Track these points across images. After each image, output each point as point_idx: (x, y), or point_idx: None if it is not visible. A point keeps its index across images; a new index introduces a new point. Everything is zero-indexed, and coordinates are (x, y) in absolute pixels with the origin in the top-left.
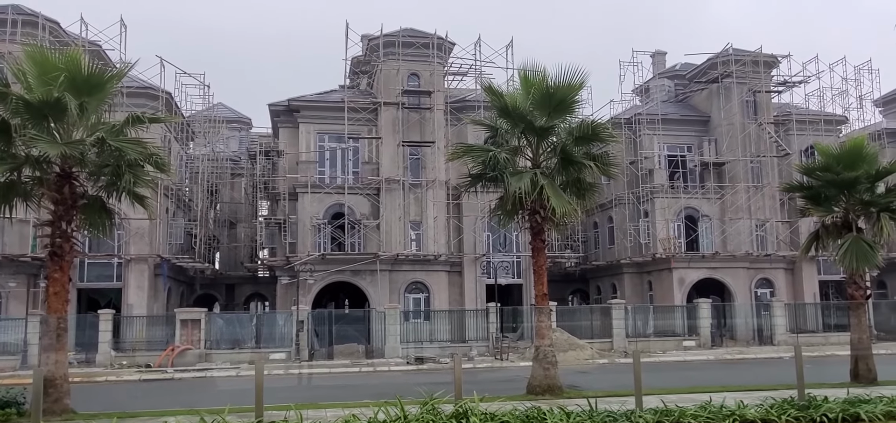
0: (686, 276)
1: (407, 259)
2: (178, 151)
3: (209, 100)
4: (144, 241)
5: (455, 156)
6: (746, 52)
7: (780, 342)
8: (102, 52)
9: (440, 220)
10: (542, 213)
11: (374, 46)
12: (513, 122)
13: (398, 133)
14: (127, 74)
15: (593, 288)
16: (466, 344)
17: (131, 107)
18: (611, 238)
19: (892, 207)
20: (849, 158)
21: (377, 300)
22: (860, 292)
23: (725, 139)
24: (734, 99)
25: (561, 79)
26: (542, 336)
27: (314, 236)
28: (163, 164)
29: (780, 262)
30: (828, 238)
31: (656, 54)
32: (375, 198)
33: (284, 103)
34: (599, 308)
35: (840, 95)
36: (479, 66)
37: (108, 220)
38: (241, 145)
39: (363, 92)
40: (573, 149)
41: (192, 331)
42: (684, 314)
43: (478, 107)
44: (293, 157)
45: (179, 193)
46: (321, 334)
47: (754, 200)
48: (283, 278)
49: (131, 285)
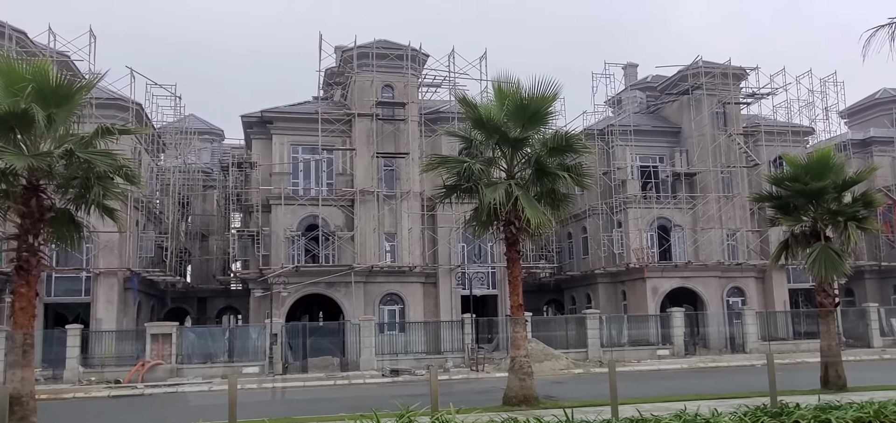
0: (659, 285)
1: (382, 271)
2: (149, 163)
3: (181, 111)
4: (114, 254)
5: (430, 167)
6: (716, 65)
7: (751, 350)
8: (71, 63)
9: (415, 231)
10: (516, 223)
11: (348, 58)
12: (487, 133)
13: (372, 144)
14: (96, 85)
15: (568, 298)
16: (442, 356)
17: (101, 118)
18: (585, 248)
19: (858, 217)
20: (816, 168)
21: (352, 313)
22: (829, 300)
23: (696, 150)
24: (704, 110)
25: (534, 90)
26: (518, 347)
27: (288, 248)
28: (133, 176)
29: (750, 271)
30: (797, 247)
31: (628, 66)
32: (350, 209)
33: (257, 115)
34: (574, 318)
35: (806, 106)
36: (453, 77)
37: (76, 233)
38: (213, 157)
39: (337, 103)
40: (547, 160)
41: (162, 346)
42: (658, 324)
43: (452, 118)
44: (266, 168)
45: (150, 206)
46: (295, 348)
47: (725, 210)
48: (257, 290)
49: (100, 299)
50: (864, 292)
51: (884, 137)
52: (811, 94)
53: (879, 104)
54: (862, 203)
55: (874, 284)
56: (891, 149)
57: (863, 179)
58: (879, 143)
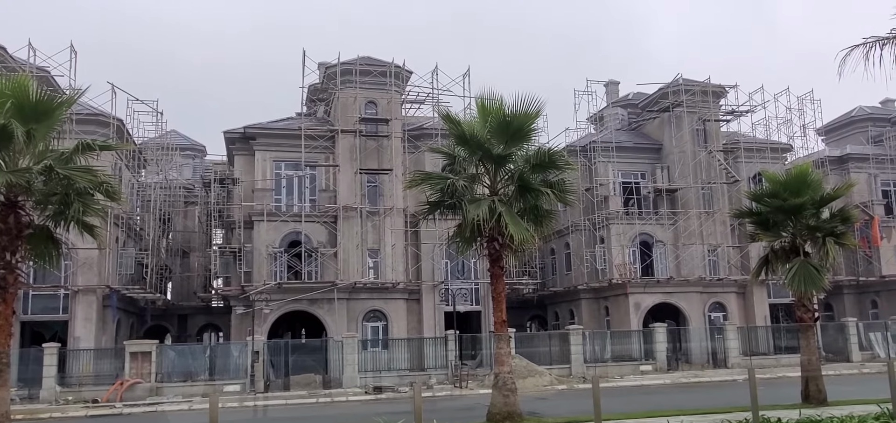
0: (642, 301)
1: (365, 287)
2: (130, 179)
3: (162, 127)
4: (93, 271)
5: (413, 183)
6: (696, 83)
7: (733, 365)
8: (51, 79)
9: (398, 247)
10: (500, 240)
11: (332, 74)
12: (470, 149)
13: (356, 161)
14: (77, 101)
15: (551, 314)
16: (425, 372)
17: (81, 134)
18: (568, 264)
19: (836, 232)
20: (795, 184)
21: (335, 329)
22: (809, 315)
23: (677, 166)
24: (685, 127)
25: (518, 108)
26: (502, 363)
27: (270, 265)
28: (113, 192)
29: (731, 286)
30: (777, 262)
31: (609, 84)
32: (333, 226)
33: (240, 131)
34: (558, 334)
35: (785, 124)
36: (436, 94)
37: (55, 250)
38: (194, 173)
39: (320, 119)
40: (530, 176)
41: (142, 364)
42: (641, 339)
43: (435, 135)
44: (249, 184)
45: (130, 222)
46: (277, 365)
47: (706, 226)
48: (238, 307)
49: (78, 317)
50: (842, 307)
51: (860, 153)
52: (789, 111)
53: (855, 122)
54: (839, 219)
55: (852, 299)
56: (867, 166)
57: (840, 196)
58: (856, 159)
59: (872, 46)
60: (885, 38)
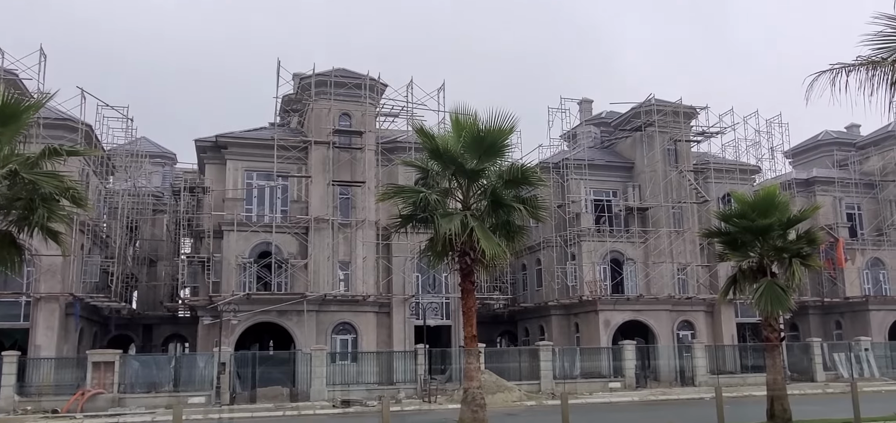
0: (611, 318)
1: (335, 299)
2: (97, 186)
3: (132, 133)
4: (56, 278)
5: (386, 196)
6: (668, 103)
7: (701, 383)
8: (19, 82)
9: (369, 260)
10: (471, 255)
11: (306, 85)
12: (444, 164)
13: (328, 172)
14: (45, 105)
15: (521, 330)
16: (394, 386)
17: (49, 138)
18: (539, 280)
19: (802, 254)
20: (762, 205)
21: (303, 341)
22: (775, 335)
23: (648, 185)
24: (656, 147)
25: (491, 123)
26: (471, 378)
27: (239, 276)
28: (80, 198)
29: (700, 305)
30: (744, 282)
31: (583, 102)
32: (304, 237)
33: (211, 139)
34: (527, 350)
35: (753, 146)
36: (410, 107)
37: (17, 256)
38: (164, 181)
39: (293, 130)
40: (503, 192)
41: (105, 374)
42: (610, 356)
43: (409, 148)
44: (219, 194)
45: (97, 229)
46: (244, 377)
47: (676, 245)
48: (206, 318)
49: (40, 325)
50: (808, 327)
51: (826, 177)
52: (758, 134)
53: (822, 145)
54: (806, 240)
55: (817, 319)
56: (832, 189)
57: (806, 218)
58: (822, 183)
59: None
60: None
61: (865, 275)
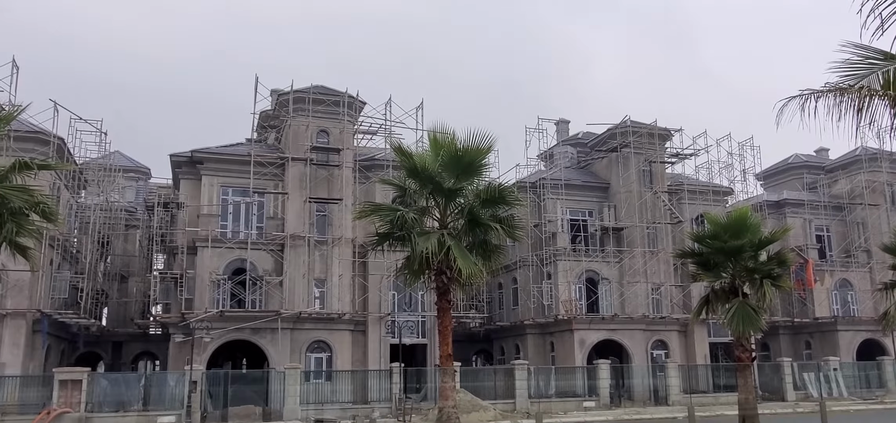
0: (586, 337)
1: (310, 317)
2: (69, 200)
3: (106, 147)
4: (23, 294)
5: (363, 214)
6: (643, 125)
7: (674, 403)
8: None
9: (345, 278)
10: (448, 273)
11: (284, 101)
12: (421, 182)
13: (305, 189)
14: (17, 117)
15: (497, 348)
16: (369, 405)
17: (19, 152)
18: (515, 299)
19: (773, 275)
20: (734, 227)
21: (277, 360)
22: (747, 355)
23: (624, 206)
24: (632, 168)
25: (469, 142)
26: (446, 397)
27: (213, 293)
28: (50, 213)
29: (674, 324)
30: (717, 302)
31: (560, 122)
32: (279, 254)
33: (187, 154)
34: (503, 369)
35: (726, 168)
36: (389, 126)
37: None
38: (138, 196)
39: (271, 146)
40: (480, 211)
41: (72, 393)
42: (585, 375)
43: (387, 166)
44: (194, 209)
45: (67, 244)
46: (216, 396)
47: (650, 265)
48: (177, 335)
49: (5, 341)
50: (779, 347)
51: (796, 199)
52: (730, 156)
53: (792, 168)
54: (776, 262)
55: (788, 339)
56: (802, 211)
57: (777, 239)
58: (792, 205)
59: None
60: (819, 92)
61: (834, 296)
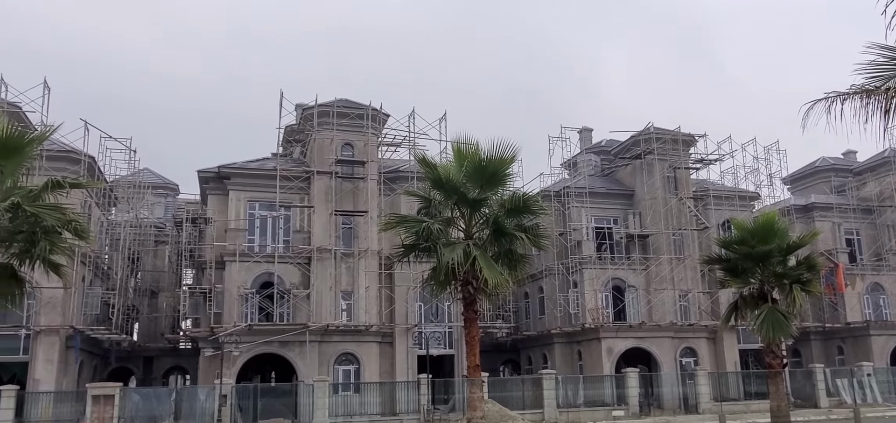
0: (614, 345)
1: (337, 330)
2: (99, 217)
3: (135, 165)
4: (57, 311)
5: (388, 226)
6: (667, 131)
7: (704, 411)
8: (23, 114)
9: (372, 290)
10: (474, 283)
11: (309, 116)
12: (446, 193)
13: (331, 202)
14: (49, 137)
15: (524, 358)
16: (397, 417)
17: (51, 171)
18: (541, 308)
19: (802, 279)
20: (762, 232)
21: (306, 373)
22: (777, 361)
23: (649, 213)
24: (656, 174)
25: (493, 152)
26: (474, 408)
27: (241, 306)
28: (82, 230)
29: (702, 331)
30: (746, 309)
31: (583, 131)
32: (306, 267)
33: (214, 170)
34: (531, 379)
35: (752, 173)
36: (412, 137)
37: (18, 289)
38: (166, 212)
39: (296, 160)
40: (505, 220)
41: (104, 408)
42: (613, 384)
43: (411, 178)
44: (222, 224)
45: (98, 261)
46: (245, 409)
47: (677, 272)
48: (207, 350)
49: (39, 358)
50: (810, 353)
51: (824, 202)
52: (756, 161)
53: (819, 172)
54: (805, 266)
55: (819, 345)
56: (831, 214)
57: (806, 244)
58: (820, 208)
59: (834, 101)
60: (845, 94)
61: (866, 300)
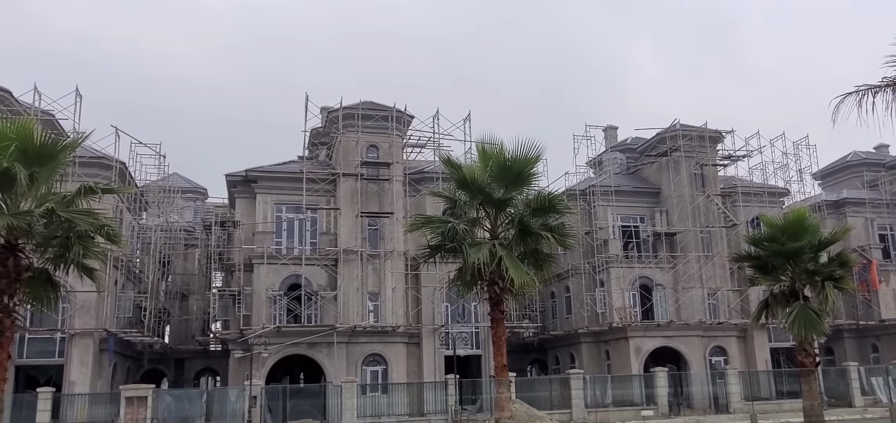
0: (642, 345)
1: (364, 331)
2: (131, 222)
3: (165, 170)
4: (90, 314)
5: (414, 227)
6: (693, 128)
7: (735, 410)
8: (56, 122)
9: (398, 291)
10: (500, 284)
11: (334, 118)
12: (471, 194)
13: (357, 204)
14: (81, 144)
15: (552, 358)
16: (425, 417)
17: (84, 177)
18: (568, 308)
19: (835, 276)
20: (792, 228)
21: (334, 374)
22: (810, 360)
23: (676, 210)
24: (683, 172)
25: (518, 152)
26: (502, 408)
27: (269, 308)
28: (114, 235)
29: (732, 330)
30: (776, 306)
31: (608, 129)
32: (333, 269)
33: (242, 174)
34: (558, 379)
35: (781, 168)
36: (437, 138)
37: (53, 293)
38: (195, 216)
39: (322, 163)
40: (530, 220)
41: (137, 409)
42: (642, 383)
43: (436, 178)
44: (249, 227)
45: (130, 265)
46: (275, 410)
47: (705, 270)
48: (237, 351)
49: (74, 361)
50: (843, 351)
51: (856, 198)
52: (785, 156)
53: (851, 166)
54: (838, 263)
55: (853, 343)
56: (863, 210)
57: (838, 240)
58: (852, 204)
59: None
60: (877, 87)
61: None
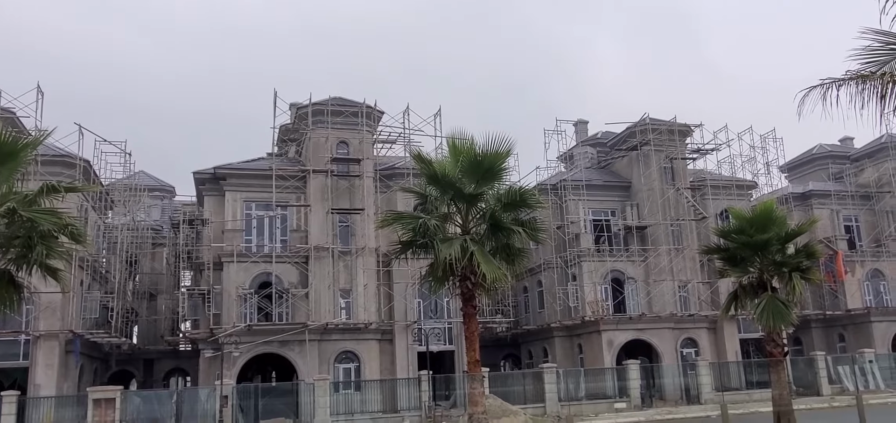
0: (615, 338)
1: (337, 328)
2: (96, 221)
3: (130, 168)
4: (56, 316)
5: (385, 223)
6: (662, 122)
7: (706, 401)
8: (17, 120)
9: (370, 287)
10: (472, 279)
11: (303, 114)
12: (442, 189)
13: (327, 200)
14: (43, 142)
15: (525, 352)
16: (399, 414)
17: (47, 175)
18: (541, 302)
19: (802, 267)
20: (760, 221)
21: (306, 372)
22: (778, 350)
23: (646, 204)
24: (653, 165)
25: (488, 147)
26: (476, 403)
27: (240, 307)
28: (79, 235)
29: (702, 322)
30: (745, 298)
31: (578, 123)
32: (304, 266)
33: (210, 171)
34: (531, 373)
35: (749, 162)
36: (408, 134)
37: (16, 295)
38: (163, 214)
39: (292, 159)
40: (502, 215)
41: (105, 411)
42: (614, 376)
43: (407, 174)
44: (219, 225)
45: (96, 265)
46: (246, 410)
47: (676, 262)
48: (207, 351)
49: (39, 363)
50: (811, 341)
51: (822, 190)
52: (752, 150)
53: (816, 159)
54: (805, 254)
55: (820, 333)
56: (829, 202)
57: (804, 231)
58: (818, 196)
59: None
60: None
61: (866, 287)
